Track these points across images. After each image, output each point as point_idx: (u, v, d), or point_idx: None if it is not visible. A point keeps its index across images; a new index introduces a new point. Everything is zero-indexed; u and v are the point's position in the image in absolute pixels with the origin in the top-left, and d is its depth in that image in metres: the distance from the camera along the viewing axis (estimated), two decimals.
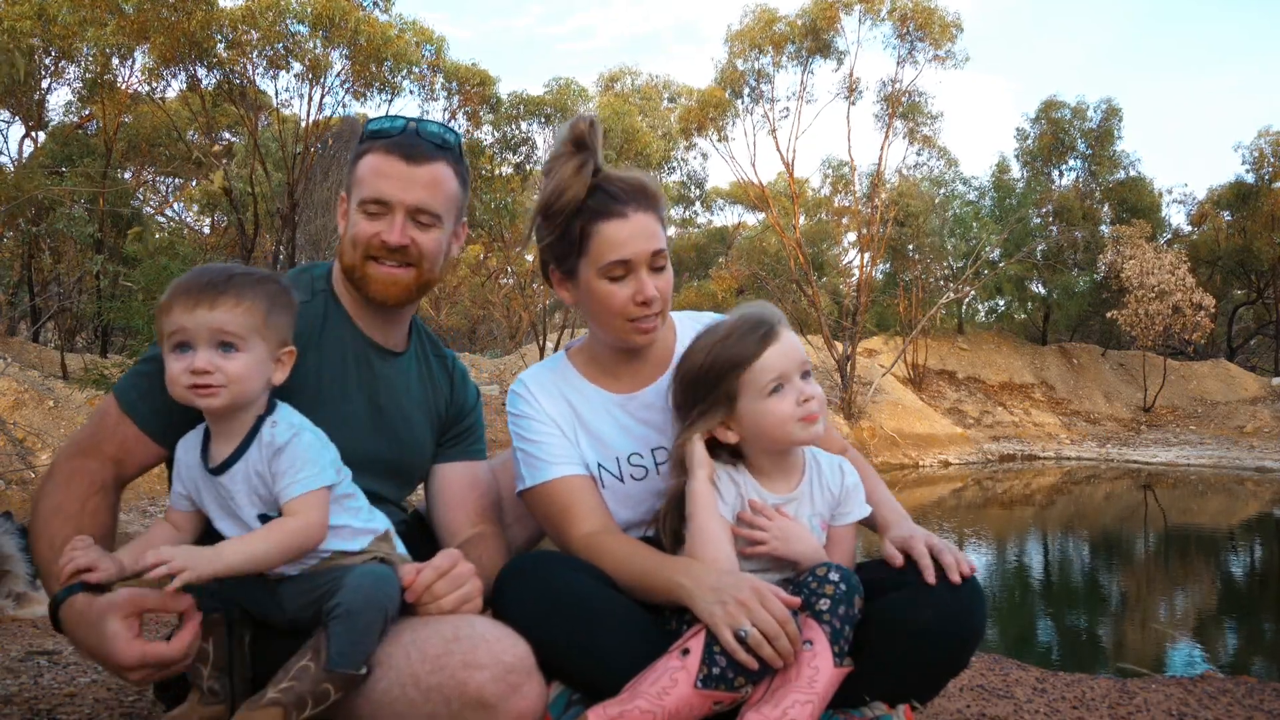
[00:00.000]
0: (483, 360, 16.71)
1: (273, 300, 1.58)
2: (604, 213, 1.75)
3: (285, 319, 1.62)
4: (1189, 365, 21.14)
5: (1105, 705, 2.47)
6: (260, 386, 1.58)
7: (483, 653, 1.45)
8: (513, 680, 1.44)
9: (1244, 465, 14.95)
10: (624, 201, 1.76)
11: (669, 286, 1.82)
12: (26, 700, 2.10)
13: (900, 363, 18.69)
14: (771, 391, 1.69)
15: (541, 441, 1.86)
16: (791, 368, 1.70)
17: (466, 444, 2.00)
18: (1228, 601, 6.52)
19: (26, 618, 3.35)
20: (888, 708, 1.66)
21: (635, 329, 1.80)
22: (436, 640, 1.47)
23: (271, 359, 1.59)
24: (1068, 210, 20.65)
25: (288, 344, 1.62)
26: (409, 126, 1.79)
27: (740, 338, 1.71)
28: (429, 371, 1.98)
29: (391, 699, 1.45)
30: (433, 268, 1.80)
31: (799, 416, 1.68)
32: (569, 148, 1.78)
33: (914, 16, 16.13)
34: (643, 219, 1.76)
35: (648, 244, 1.75)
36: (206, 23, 12.33)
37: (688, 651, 1.52)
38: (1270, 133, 21.86)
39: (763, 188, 17.58)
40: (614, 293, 1.77)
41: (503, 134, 16.04)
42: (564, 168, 1.77)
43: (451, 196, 1.81)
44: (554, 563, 1.70)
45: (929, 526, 1.91)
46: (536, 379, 1.94)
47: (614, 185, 1.78)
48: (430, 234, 1.77)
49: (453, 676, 1.42)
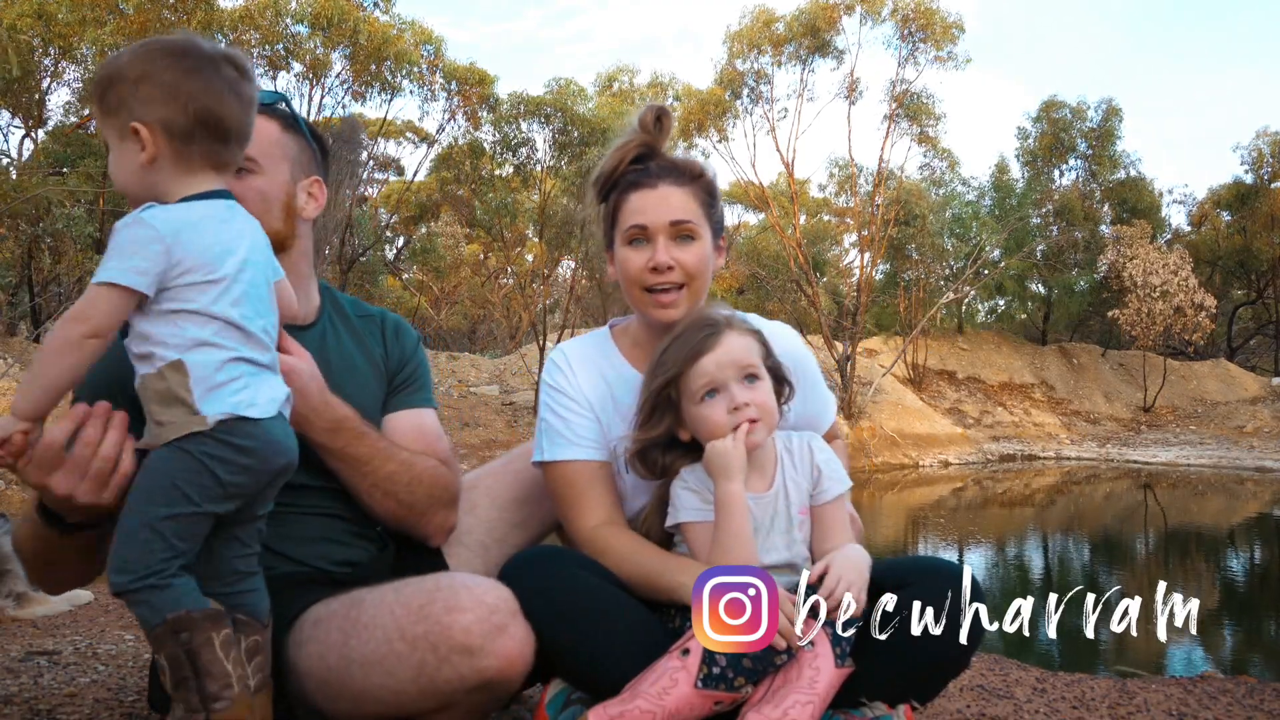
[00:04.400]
0: (483, 360, 16.71)
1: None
2: (635, 184, 1.82)
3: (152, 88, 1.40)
4: (1189, 365, 21.15)
5: (1105, 705, 2.47)
6: (126, 179, 1.43)
7: (465, 597, 1.45)
8: (496, 621, 1.44)
9: (1244, 465, 14.96)
10: (656, 175, 1.82)
11: (697, 261, 1.80)
12: (26, 700, 2.10)
13: (900, 363, 18.70)
14: (703, 398, 1.67)
15: (569, 419, 1.86)
16: (727, 373, 1.66)
17: (408, 392, 1.93)
18: (1228, 601, 6.52)
19: (26, 618, 3.35)
20: (888, 708, 1.66)
21: (653, 301, 1.80)
22: (419, 593, 1.48)
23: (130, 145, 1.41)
24: (1068, 210, 20.66)
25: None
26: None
27: (684, 340, 1.69)
28: (355, 334, 1.92)
29: (380, 656, 1.46)
30: (265, 215, 1.68)
31: (730, 424, 1.65)
32: (633, 133, 1.86)
33: (915, 17, 16.14)
34: (671, 190, 1.80)
35: (668, 212, 1.78)
36: (206, 23, 12.34)
37: (688, 651, 1.52)
38: (1269, 133, 21.93)
39: (763, 188, 17.58)
40: (631, 258, 1.81)
41: (503, 134, 16.04)
42: (617, 148, 1.86)
43: (272, 142, 1.75)
44: (558, 559, 1.70)
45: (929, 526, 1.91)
46: (579, 353, 1.94)
47: (657, 163, 1.84)
48: (250, 181, 1.70)
49: (437, 623, 1.43)
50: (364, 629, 1.48)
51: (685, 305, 1.81)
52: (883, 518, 10.57)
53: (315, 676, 1.53)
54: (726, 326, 1.70)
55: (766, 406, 1.69)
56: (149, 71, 1.40)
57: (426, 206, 19.39)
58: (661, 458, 1.74)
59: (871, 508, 11.11)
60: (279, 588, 1.64)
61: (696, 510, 1.69)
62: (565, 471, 1.83)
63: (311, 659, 1.53)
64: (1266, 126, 24.05)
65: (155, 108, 1.40)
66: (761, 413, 1.67)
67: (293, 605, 1.59)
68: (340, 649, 1.50)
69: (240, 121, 1.47)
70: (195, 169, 1.44)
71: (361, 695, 1.50)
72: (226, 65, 1.45)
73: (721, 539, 1.62)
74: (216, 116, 1.43)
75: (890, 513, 11.12)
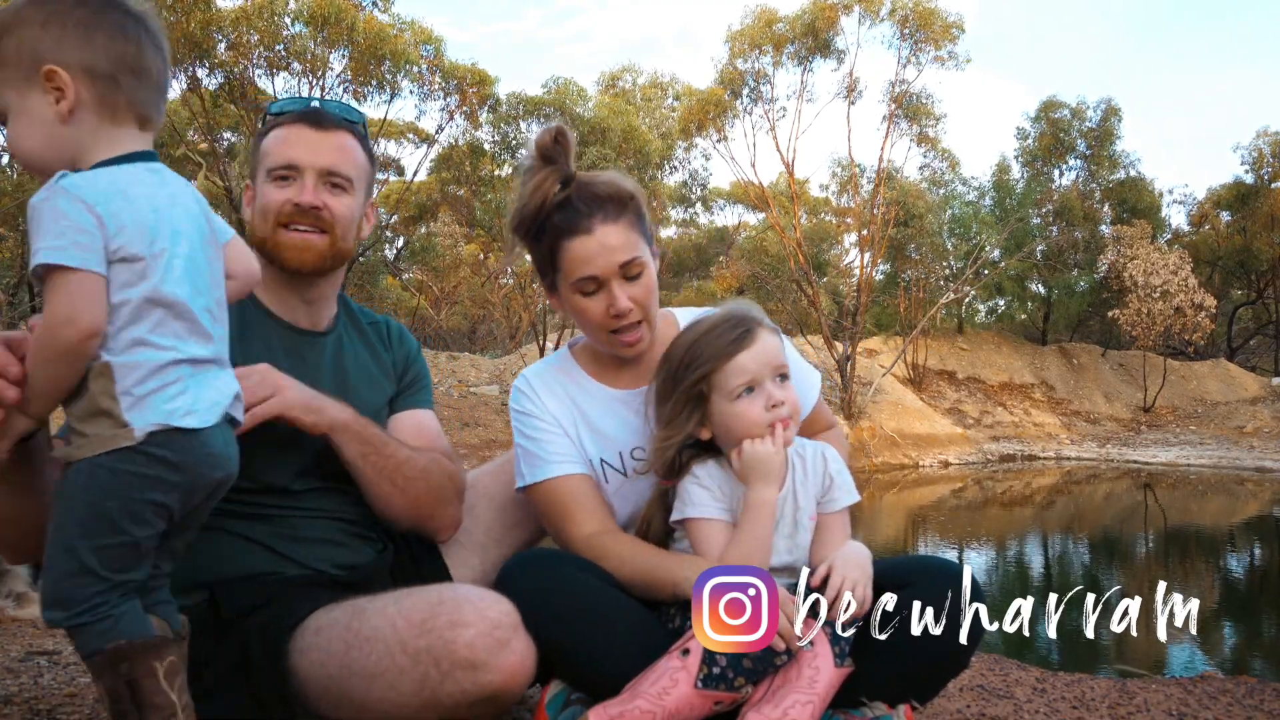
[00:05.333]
0: (483, 360, 16.70)
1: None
2: (569, 230, 1.75)
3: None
4: (1189, 365, 21.15)
5: (1105, 705, 2.47)
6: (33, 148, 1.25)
7: (468, 611, 1.44)
8: (499, 636, 1.44)
9: (1244, 465, 14.96)
10: (589, 215, 1.74)
11: (647, 293, 1.80)
12: (26, 700, 2.10)
13: (900, 363, 18.69)
14: (740, 395, 1.67)
15: (542, 440, 1.87)
16: (764, 371, 1.67)
17: (410, 394, 1.98)
18: (1228, 601, 6.52)
19: (26, 618, 3.35)
20: (888, 708, 1.66)
21: (617, 340, 1.82)
22: (422, 605, 1.47)
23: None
24: (1068, 210, 20.65)
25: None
26: (312, 104, 1.80)
27: (717, 336, 1.69)
28: (367, 341, 1.96)
29: (383, 669, 1.46)
30: (345, 235, 1.77)
31: (767, 421, 1.66)
32: (534, 161, 1.78)
33: (915, 17, 16.13)
34: (609, 230, 1.74)
35: (614, 256, 1.74)
36: (205, 23, 12.34)
37: (688, 651, 1.52)
38: (1269, 133, 21.90)
39: (763, 188, 17.58)
40: (588, 307, 1.79)
41: (502, 135, 16.03)
42: (528, 183, 1.78)
43: (361, 166, 1.79)
44: (557, 560, 1.70)
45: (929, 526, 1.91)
46: (540, 375, 1.95)
47: (581, 197, 1.76)
48: (342, 199, 1.75)
49: (440, 637, 1.42)
50: (366, 641, 1.48)
51: (648, 333, 1.83)
52: (883, 518, 10.58)
53: (317, 684, 1.54)
54: (759, 325, 1.71)
55: (796, 406, 1.71)
56: (56, 11, 1.22)
57: (426, 207, 19.38)
58: (678, 457, 1.74)
59: (871, 508, 11.11)
60: (284, 591, 1.64)
61: (708, 507, 1.69)
62: (549, 490, 1.84)
63: (313, 667, 1.54)
64: (1267, 126, 24.07)
65: (71, 50, 1.21)
66: (792, 412, 1.68)
67: (298, 609, 1.59)
68: (342, 659, 1.50)
69: (161, 70, 1.30)
70: (121, 121, 1.26)
71: (363, 706, 1.50)
72: (131, 10, 1.30)
73: (745, 541, 1.62)
74: (139, 59, 1.27)
75: (890, 513, 11.12)
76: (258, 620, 1.58)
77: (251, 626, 1.57)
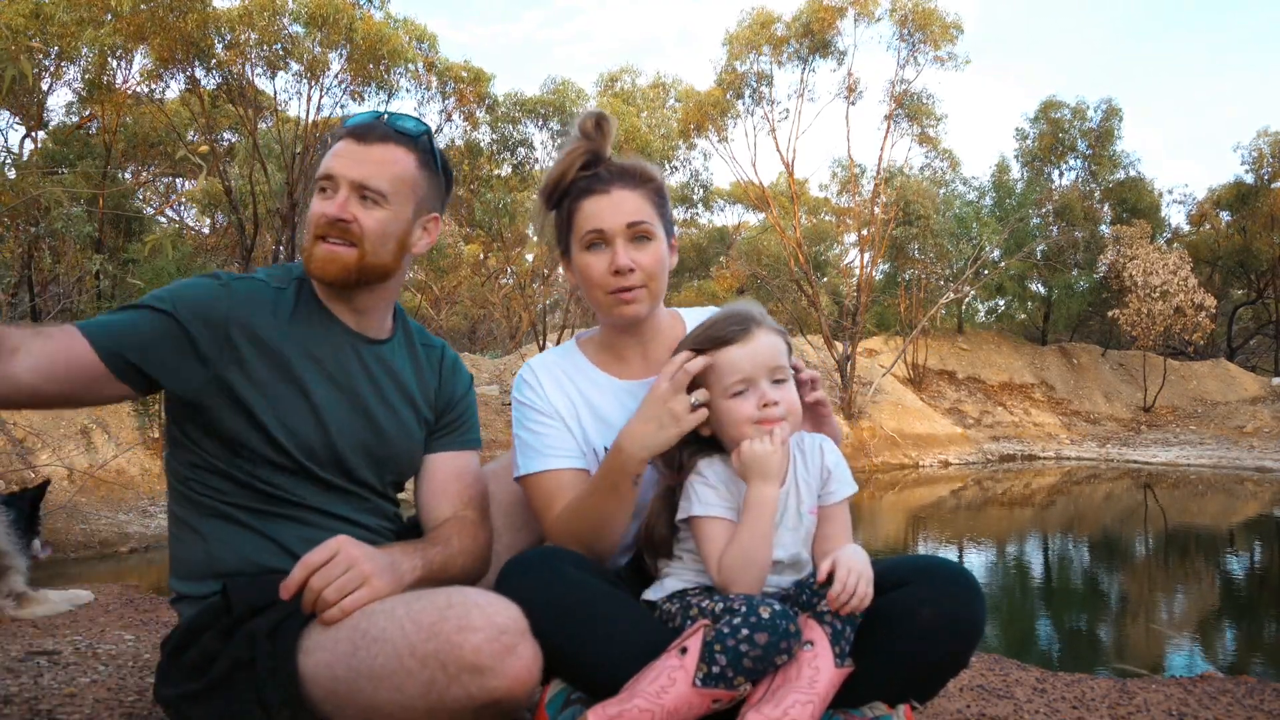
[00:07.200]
0: (483, 360, 16.70)
1: None
2: (588, 191, 1.85)
3: None
4: (1189, 365, 21.14)
5: (1105, 705, 2.47)
6: None
7: (476, 616, 1.45)
8: (506, 641, 1.45)
9: (1244, 465, 14.95)
10: (608, 180, 1.84)
11: (654, 261, 1.84)
12: (26, 700, 2.10)
13: (900, 363, 18.69)
14: (735, 393, 1.68)
15: (540, 432, 1.88)
16: (759, 371, 1.68)
17: (455, 434, 1.99)
18: (1228, 601, 6.52)
19: (26, 618, 3.35)
20: (888, 708, 1.66)
21: (616, 300, 1.84)
22: (430, 609, 1.48)
23: None
24: (1068, 210, 20.64)
25: None
26: (379, 117, 1.83)
27: (716, 330, 1.72)
28: (415, 361, 1.97)
29: (389, 671, 1.46)
30: (376, 250, 1.77)
31: (756, 420, 1.67)
32: (575, 141, 1.88)
33: (914, 18, 16.13)
34: (624, 194, 1.82)
35: (624, 215, 1.81)
36: (203, 23, 12.32)
37: (686, 650, 1.52)
38: (1269, 133, 21.88)
39: (763, 188, 17.58)
40: (592, 263, 1.83)
41: (501, 135, 16.03)
42: (561, 154, 1.89)
43: (403, 178, 1.78)
44: (556, 561, 1.70)
45: (929, 526, 1.91)
46: (544, 364, 1.97)
47: (606, 168, 1.86)
48: (375, 213, 1.75)
49: (448, 641, 1.43)
50: (373, 642, 1.48)
51: (648, 303, 1.85)
52: (883, 518, 10.57)
53: (322, 685, 1.54)
54: (759, 324, 1.72)
55: (795, 407, 1.71)
56: None
57: None
58: (680, 453, 1.75)
59: (871, 507, 11.11)
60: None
61: (714, 506, 1.70)
62: (540, 482, 1.86)
63: (319, 667, 1.54)
64: (1267, 126, 24.08)
65: None
66: (789, 412, 1.69)
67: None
68: (349, 660, 1.50)
69: None
70: None
71: (369, 708, 1.50)
72: None
73: (746, 539, 1.63)
74: None
75: (890, 513, 11.11)
76: (266, 620, 1.59)
77: (259, 627, 1.58)
